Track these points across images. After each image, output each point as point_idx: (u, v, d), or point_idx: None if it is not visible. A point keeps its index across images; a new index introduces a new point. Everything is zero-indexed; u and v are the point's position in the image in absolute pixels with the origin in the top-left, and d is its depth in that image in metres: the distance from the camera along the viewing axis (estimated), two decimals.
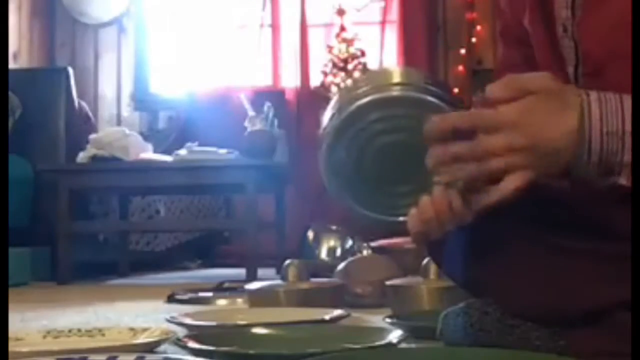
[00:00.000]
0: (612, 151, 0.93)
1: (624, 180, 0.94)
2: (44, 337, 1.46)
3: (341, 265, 2.36)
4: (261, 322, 1.48)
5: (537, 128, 0.92)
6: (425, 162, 0.96)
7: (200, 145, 3.72)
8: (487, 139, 0.92)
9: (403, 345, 1.27)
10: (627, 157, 0.93)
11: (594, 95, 0.94)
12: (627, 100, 0.94)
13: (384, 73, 1.22)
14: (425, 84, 1.03)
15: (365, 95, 1.03)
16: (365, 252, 3.05)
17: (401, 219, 1.05)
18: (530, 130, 0.92)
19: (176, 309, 2.15)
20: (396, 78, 1.05)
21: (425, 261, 1.92)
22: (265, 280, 2.39)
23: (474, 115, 0.96)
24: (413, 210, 1.00)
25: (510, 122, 0.92)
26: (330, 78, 4.90)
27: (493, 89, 0.94)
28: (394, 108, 1.02)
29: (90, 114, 4.78)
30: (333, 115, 1.04)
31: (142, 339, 1.41)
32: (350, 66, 4.88)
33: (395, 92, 1.02)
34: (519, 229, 1.06)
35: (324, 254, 3.56)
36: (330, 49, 4.92)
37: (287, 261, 2.09)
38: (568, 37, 1.11)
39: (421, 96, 1.01)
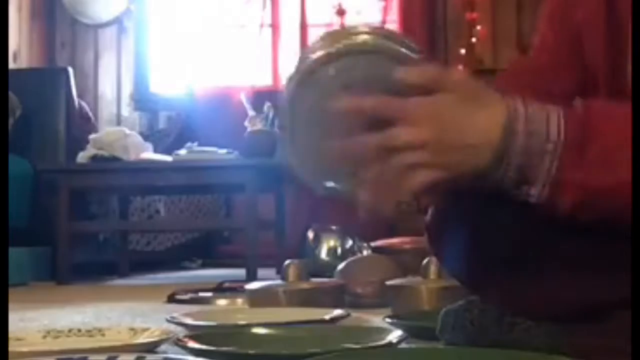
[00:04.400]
0: (534, 152, 0.91)
1: (534, 190, 0.92)
2: (44, 337, 1.46)
3: (341, 265, 2.36)
4: (261, 322, 1.48)
5: (449, 125, 0.90)
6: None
7: (200, 145, 3.72)
8: (394, 133, 0.90)
9: (403, 345, 1.27)
10: (547, 164, 0.90)
11: (518, 98, 0.93)
12: (553, 111, 0.92)
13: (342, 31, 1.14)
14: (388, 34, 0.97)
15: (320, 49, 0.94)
16: (365, 252, 3.06)
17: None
18: (440, 127, 0.90)
19: (176, 309, 2.15)
20: (354, 29, 0.97)
21: (425, 261, 1.92)
22: (265, 280, 2.39)
23: (387, 104, 0.92)
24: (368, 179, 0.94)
25: (419, 116, 0.90)
26: None
27: (410, 74, 0.91)
28: (352, 56, 0.94)
29: (90, 114, 4.78)
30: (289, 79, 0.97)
31: (142, 339, 1.41)
32: None
33: (353, 37, 0.94)
34: (519, 228, 1.05)
35: (324, 254, 3.55)
36: None
37: (287, 261, 2.09)
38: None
39: (383, 41, 0.94)
